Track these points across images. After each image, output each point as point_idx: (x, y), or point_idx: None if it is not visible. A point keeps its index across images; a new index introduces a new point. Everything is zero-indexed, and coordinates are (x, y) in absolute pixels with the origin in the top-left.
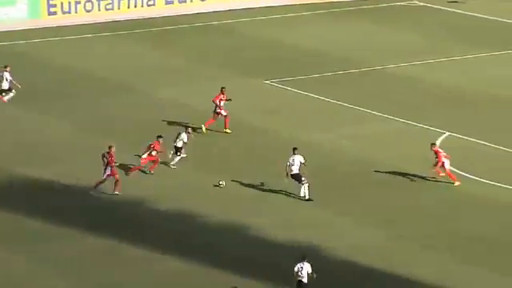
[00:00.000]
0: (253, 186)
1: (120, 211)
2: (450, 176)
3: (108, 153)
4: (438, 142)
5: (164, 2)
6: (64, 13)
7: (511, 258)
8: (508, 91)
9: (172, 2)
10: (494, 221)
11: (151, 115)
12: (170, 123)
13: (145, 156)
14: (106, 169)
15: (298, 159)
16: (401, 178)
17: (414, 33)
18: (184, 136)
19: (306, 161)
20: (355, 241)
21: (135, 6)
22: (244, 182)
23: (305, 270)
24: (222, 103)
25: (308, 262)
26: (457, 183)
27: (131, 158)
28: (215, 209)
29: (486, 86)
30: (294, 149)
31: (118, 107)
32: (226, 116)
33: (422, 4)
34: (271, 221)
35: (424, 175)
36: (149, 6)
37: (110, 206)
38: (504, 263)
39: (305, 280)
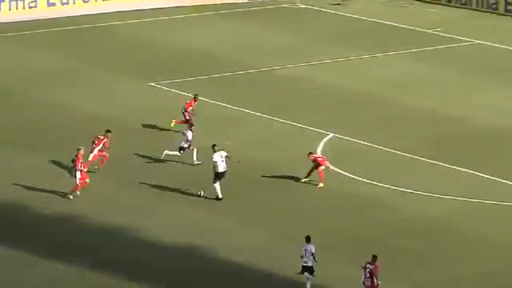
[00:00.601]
0: (138, 188)
1: (2, 213)
2: (320, 176)
3: (76, 156)
4: (321, 144)
5: (46, 4)
6: None
7: (395, 258)
8: (391, 92)
9: (54, 4)
10: (378, 221)
11: (35, 117)
12: (62, 126)
13: (95, 152)
14: (75, 173)
15: (224, 155)
16: (285, 178)
17: (299, 34)
18: (189, 134)
19: (229, 153)
20: (238, 241)
21: (16, 9)
22: (130, 183)
23: (308, 251)
24: (190, 109)
25: (312, 243)
26: (321, 185)
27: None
28: (99, 210)
29: (369, 87)
30: (214, 145)
31: (3, 109)
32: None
33: (303, 6)
34: (154, 222)
35: (308, 176)
36: (31, 7)
37: None
38: (388, 264)
39: (310, 263)
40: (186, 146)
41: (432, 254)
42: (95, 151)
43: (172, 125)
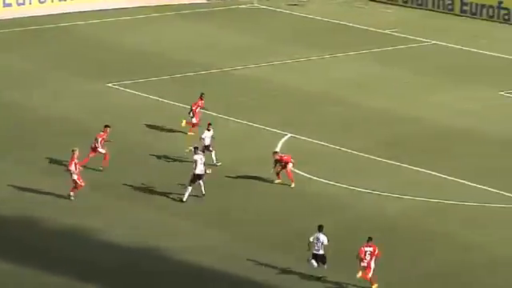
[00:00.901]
0: (101, 189)
1: None
2: (289, 176)
3: (71, 157)
4: (279, 144)
5: (2, 5)
6: None
7: (350, 256)
8: (349, 92)
9: (10, 5)
10: (337, 221)
11: None
12: (19, 127)
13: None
14: (71, 175)
15: (203, 158)
16: (244, 179)
17: (259, 35)
18: (207, 133)
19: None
20: (200, 242)
21: None
22: (93, 184)
23: (320, 240)
24: (198, 109)
25: (324, 233)
26: (292, 185)
27: None
28: (59, 212)
29: (328, 87)
30: (196, 148)
31: None
32: (194, 123)
33: (262, 7)
34: (115, 223)
35: (265, 177)
36: None
37: None
38: (348, 264)
39: (321, 251)
40: (206, 143)
41: (390, 254)
42: (100, 147)
43: (182, 125)
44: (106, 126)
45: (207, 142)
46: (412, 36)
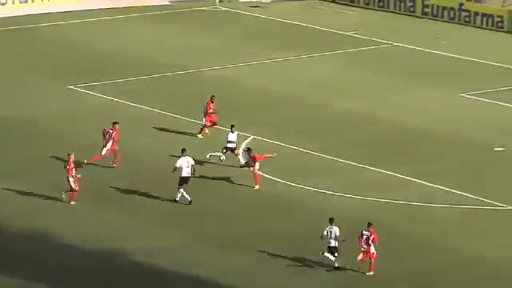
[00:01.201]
0: (59, 191)
1: None
2: (255, 177)
3: (67, 161)
4: (242, 145)
5: None
6: None
7: (311, 255)
8: (310, 93)
9: None
10: (295, 221)
11: None
12: None
13: (108, 147)
14: (68, 179)
15: (191, 160)
16: (207, 179)
17: (222, 37)
18: (231, 135)
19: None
20: (159, 244)
21: None
22: (52, 186)
23: (333, 233)
24: (211, 111)
25: (336, 225)
26: (256, 187)
27: None
28: (19, 215)
29: (291, 88)
30: (183, 150)
31: None
32: (205, 125)
33: (224, 9)
34: (74, 225)
35: (229, 178)
36: None
37: None
38: (308, 264)
39: (333, 243)
40: (230, 146)
41: (345, 254)
42: (108, 145)
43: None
44: (115, 123)
45: (230, 145)
46: (373, 37)
